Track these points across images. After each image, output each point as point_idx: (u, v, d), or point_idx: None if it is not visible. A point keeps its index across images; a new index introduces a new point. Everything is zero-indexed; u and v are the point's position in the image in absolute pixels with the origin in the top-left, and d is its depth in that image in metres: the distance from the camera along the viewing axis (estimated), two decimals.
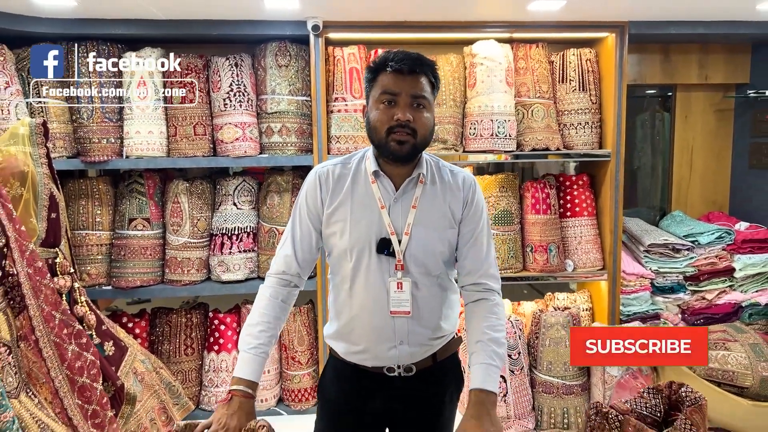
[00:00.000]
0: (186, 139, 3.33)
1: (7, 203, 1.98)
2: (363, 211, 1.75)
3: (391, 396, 1.81)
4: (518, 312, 3.65)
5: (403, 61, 1.66)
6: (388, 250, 1.71)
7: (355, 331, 1.79)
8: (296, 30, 3.25)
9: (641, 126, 4.40)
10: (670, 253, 3.66)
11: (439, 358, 1.83)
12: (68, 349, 2.08)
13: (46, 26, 3.12)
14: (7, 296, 1.98)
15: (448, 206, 1.78)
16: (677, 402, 1.61)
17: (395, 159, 1.70)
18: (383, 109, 1.67)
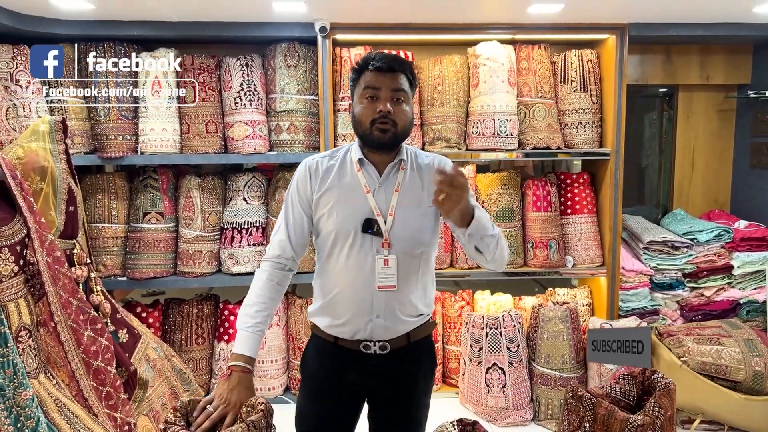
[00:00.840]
0: (198, 136, 3.47)
1: (28, 196, 2.11)
2: (349, 195, 1.92)
3: (368, 373, 1.95)
4: (519, 306, 3.74)
5: (383, 60, 1.85)
6: (372, 229, 1.88)
7: (338, 305, 1.93)
8: (304, 31, 3.37)
9: (643, 125, 4.47)
10: (669, 251, 3.73)
11: (413, 338, 1.98)
12: (84, 334, 2.22)
13: (65, 28, 3.26)
14: (28, 284, 2.12)
15: (427, 188, 1.94)
16: (650, 387, 1.71)
17: (379, 147, 1.89)
18: (367, 104, 1.86)
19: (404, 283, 1.92)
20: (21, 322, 2.02)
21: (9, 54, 3.17)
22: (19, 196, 2.04)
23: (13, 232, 2.01)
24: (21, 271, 2.05)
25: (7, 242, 1.98)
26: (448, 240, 3.65)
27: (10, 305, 1.99)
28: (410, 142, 3.52)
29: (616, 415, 1.58)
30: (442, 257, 3.63)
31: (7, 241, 1.98)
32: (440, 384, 3.72)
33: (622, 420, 1.56)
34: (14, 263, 2.01)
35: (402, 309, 1.93)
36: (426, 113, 3.59)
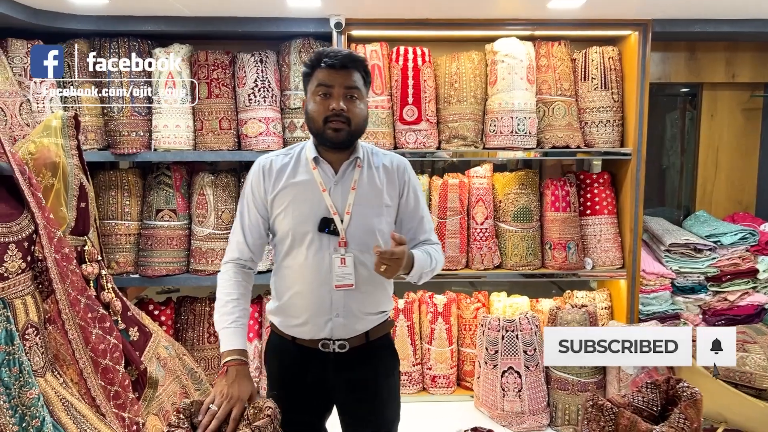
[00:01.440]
0: (212, 133, 3.43)
1: (37, 192, 2.08)
2: (305, 194, 1.91)
3: (328, 373, 1.95)
4: (536, 309, 3.66)
5: (336, 57, 1.84)
6: (329, 229, 1.88)
7: (296, 305, 1.93)
8: (319, 27, 3.32)
9: (665, 125, 4.37)
10: (691, 253, 3.63)
11: (371, 337, 1.98)
12: (92, 332, 2.18)
13: (79, 23, 3.24)
14: (36, 280, 2.08)
15: (385, 187, 1.97)
16: (674, 397, 1.63)
17: (333, 145, 1.89)
18: (319, 101, 1.85)
19: (362, 281, 1.92)
20: (28, 319, 1.99)
21: (23, 49, 3.16)
22: (27, 191, 2.01)
23: (21, 228, 1.98)
24: (29, 268, 2.02)
25: (15, 238, 1.95)
26: (464, 241, 3.58)
27: (17, 302, 1.96)
28: (426, 139, 3.46)
29: (639, 425, 1.50)
30: (457, 258, 3.56)
31: (14, 237, 1.95)
32: (455, 387, 3.65)
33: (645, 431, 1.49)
34: (21, 260, 1.97)
35: (361, 307, 1.94)
36: (442, 111, 3.53)
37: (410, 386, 3.60)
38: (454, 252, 3.55)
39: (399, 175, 2.03)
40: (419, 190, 2.09)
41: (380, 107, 3.45)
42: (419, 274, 1.92)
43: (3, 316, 1.89)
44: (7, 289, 1.92)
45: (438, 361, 3.58)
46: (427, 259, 1.94)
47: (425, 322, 3.62)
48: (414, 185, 2.07)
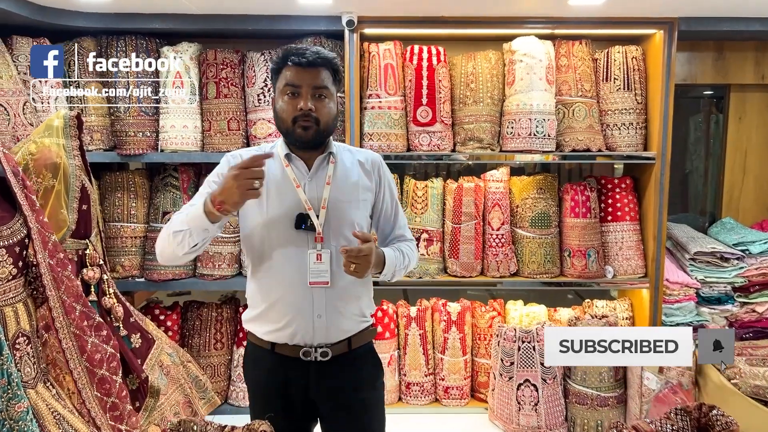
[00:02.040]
0: (220, 134, 3.34)
1: (30, 194, 1.99)
2: (278, 191, 1.87)
3: (310, 383, 1.88)
4: (554, 318, 3.52)
5: (303, 55, 1.80)
6: (306, 225, 1.83)
7: (276, 308, 1.87)
8: (331, 25, 3.21)
9: (688, 128, 4.20)
10: (717, 262, 3.47)
11: (354, 345, 1.93)
12: (88, 341, 2.09)
13: (85, 20, 3.17)
14: (30, 286, 2.00)
15: (359, 181, 1.95)
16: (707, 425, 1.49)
17: (302, 145, 1.87)
18: (287, 101, 1.82)
19: (341, 278, 1.87)
20: (19, 328, 1.90)
21: (28, 47, 3.09)
22: (20, 193, 1.92)
23: (12, 232, 1.89)
24: (20, 274, 1.93)
25: (5, 243, 1.86)
26: (479, 247, 3.45)
27: (8, 310, 1.87)
28: (441, 141, 3.34)
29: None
30: (472, 264, 3.43)
31: (4, 241, 1.86)
32: (468, 398, 3.52)
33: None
34: (12, 265, 1.89)
35: (344, 307, 1.89)
36: (458, 112, 3.40)
37: (422, 397, 3.48)
38: (468, 258, 3.42)
39: (374, 170, 2.02)
40: (393, 185, 2.10)
41: (393, 108, 3.34)
42: (392, 271, 1.92)
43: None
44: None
45: (451, 372, 3.46)
46: (399, 257, 1.95)
47: (438, 331, 3.50)
48: (389, 181, 2.07)
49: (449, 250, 3.46)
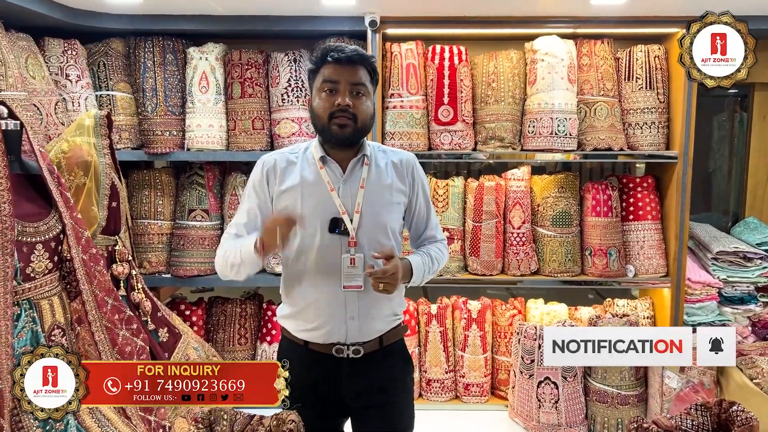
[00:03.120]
0: (245, 133, 3.40)
1: (65, 191, 2.06)
2: (312, 195, 1.88)
3: (341, 380, 1.91)
4: (575, 317, 3.53)
5: (342, 52, 1.81)
6: (339, 229, 1.85)
7: (310, 310, 1.90)
8: (354, 26, 3.25)
9: (711, 127, 4.18)
10: (740, 262, 3.46)
11: (385, 342, 1.96)
12: (119, 334, 2.16)
13: (115, 22, 3.25)
14: (64, 281, 2.07)
15: (393, 183, 1.95)
16: (727, 421, 1.51)
17: (338, 142, 1.86)
18: (325, 97, 1.83)
19: None
20: (54, 320, 1.97)
21: (60, 48, 3.17)
22: (55, 190, 2.00)
23: (48, 228, 1.96)
24: (56, 268, 2.00)
25: (42, 238, 1.93)
26: (500, 245, 3.47)
27: (44, 303, 1.94)
28: (462, 140, 3.37)
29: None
30: (493, 263, 3.45)
31: (41, 237, 1.93)
32: (488, 396, 3.55)
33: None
34: (48, 260, 1.96)
35: (376, 309, 1.92)
36: (479, 111, 3.43)
37: (443, 394, 3.51)
38: (489, 257, 3.44)
39: (408, 172, 2.02)
40: (427, 186, 2.11)
41: (415, 107, 3.37)
42: (420, 278, 1.95)
43: (29, 317, 1.88)
44: (33, 290, 1.91)
45: (471, 369, 3.48)
46: (427, 262, 1.97)
47: (459, 329, 3.53)
48: (423, 182, 2.07)
49: (470, 248, 3.49)
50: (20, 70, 2.83)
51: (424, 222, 2.09)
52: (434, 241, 2.10)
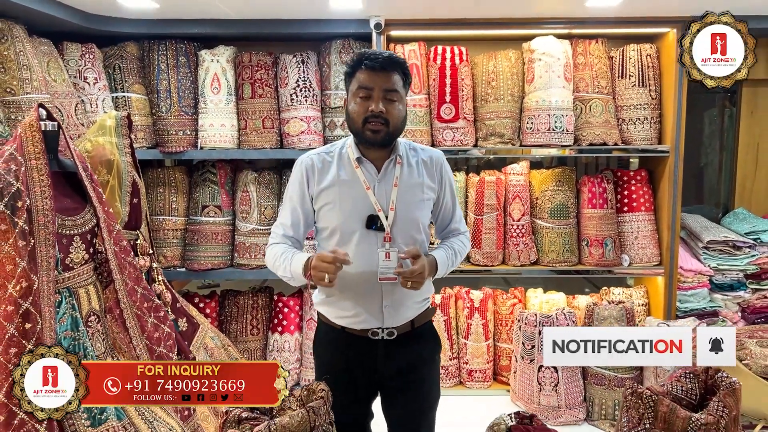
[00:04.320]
0: (255, 132, 3.54)
1: (97, 187, 2.20)
2: (350, 193, 2.01)
3: (376, 359, 2.05)
4: (573, 305, 3.69)
5: (376, 60, 1.91)
6: (376, 225, 1.98)
7: (347, 299, 2.04)
8: (359, 28, 3.40)
9: (702, 123, 4.34)
10: (730, 251, 3.62)
11: (416, 324, 2.11)
12: (148, 321, 2.30)
13: (130, 26, 3.38)
14: (96, 271, 2.21)
15: (424, 181, 2.08)
16: (713, 386, 1.67)
17: (372, 145, 1.97)
18: (359, 103, 1.94)
19: None
20: (90, 307, 2.11)
21: (78, 52, 3.30)
22: (89, 187, 2.13)
23: (84, 221, 2.10)
24: (91, 259, 2.14)
25: (79, 231, 2.07)
26: (501, 237, 3.63)
27: (81, 291, 2.08)
28: (463, 137, 3.52)
29: (678, 413, 1.55)
30: (494, 254, 3.61)
31: (79, 229, 2.07)
32: (491, 381, 3.70)
33: (684, 418, 1.53)
34: (85, 251, 2.10)
35: (409, 297, 2.05)
36: (480, 109, 3.58)
37: (447, 380, 3.66)
38: (490, 248, 3.60)
39: (437, 170, 2.14)
40: (454, 182, 2.23)
41: (418, 106, 3.52)
42: (444, 271, 2.10)
43: (69, 304, 2.02)
44: (72, 279, 2.04)
45: (474, 356, 3.64)
46: (451, 256, 2.11)
47: (462, 317, 3.68)
48: (450, 179, 2.19)
49: (472, 240, 3.65)
50: (43, 73, 2.97)
51: (450, 215, 2.22)
52: (458, 233, 2.24)
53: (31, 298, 1.88)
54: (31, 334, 1.86)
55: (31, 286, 1.88)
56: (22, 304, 1.86)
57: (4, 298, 1.85)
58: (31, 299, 1.88)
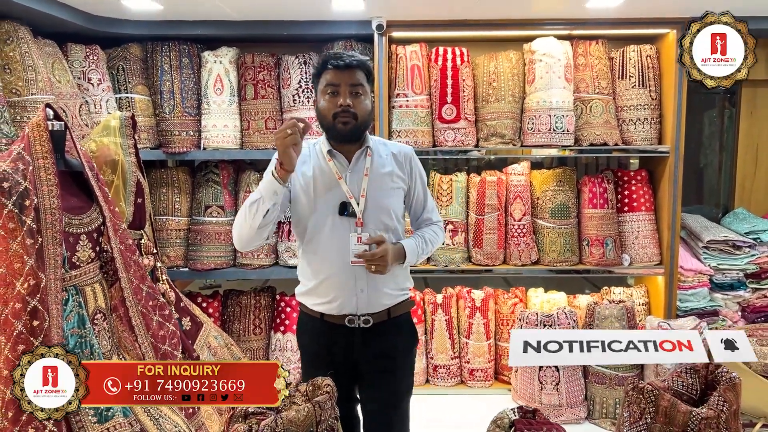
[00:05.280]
0: (258, 132, 3.56)
1: (103, 186, 2.23)
2: (323, 183, 2.13)
3: (353, 347, 2.14)
4: (573, 305, 3.71)
5: (340, 59, 2.06)
6: (348, 212, 2.10)
7: (323, 285, 2.14)
8: (361, 29, 3.42)
9: (702, 123, 4.36)
10: (730, 250, 3.64)
11: (392, 314, 2.20)
12: (153, 320, 2.32)
13: (134, 28, 3.41)
14: (102, 270, 2.23)
15: (394, 170, 2.20)
16: (713, 382, 1.69)
17: (343, 138, 2.11)
18: (328, 99, 2.07)
19: None
20: (97, 305, 2.13)
21: (82, 53, 3.33)
22: (95, 186, 2.16)
23: (91, 220, 2.12)
24: (97, 258, 2.17)
25: (86, 229, 2.10)
26: (502, 237, 3.65)
27: (87, 289, 2.10)
28: (465, 137, 3.54)
29: (679, 407, 1.57)
30: (495, 254, 3.63)
31: (85, 228, 2.10)
32: (492, 380, 3.72)
33: (685, 413, 1.55)
34: (91, 249, 2.12)
35: (382, 283, 2.14)
36: (481, 109, 3.60)
37: (449, 379, 3.68)
38: (492, 248, 3.62)
39: (407, 162, 2.26)
40: (424, 175, 2.34)
41: (419, 106, 3.54)
42: (414, 259, 2.20)
43: (76, 302, 2.04)
44: (79, 277, 2.07)
45: (476, 355, 3.66)
46: (420, 244, 2.22)
47: (463, 317, 3.70)
48: (420, 171, 2.31)
49: (473, 240, 3.67)
50: (48, 74, 2.99)
51: (422, 206, 2.33)
52: (430, 223, 2.35)
53: (38, 296, 1.90)
54: (38, 332, 1.89)
55: (39, 283, 1.90)
56: (30, 302, 1.88)
57: (12, 296, 1.87)
58: (38, 297, 1.90)
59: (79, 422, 1.92)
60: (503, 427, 1.65)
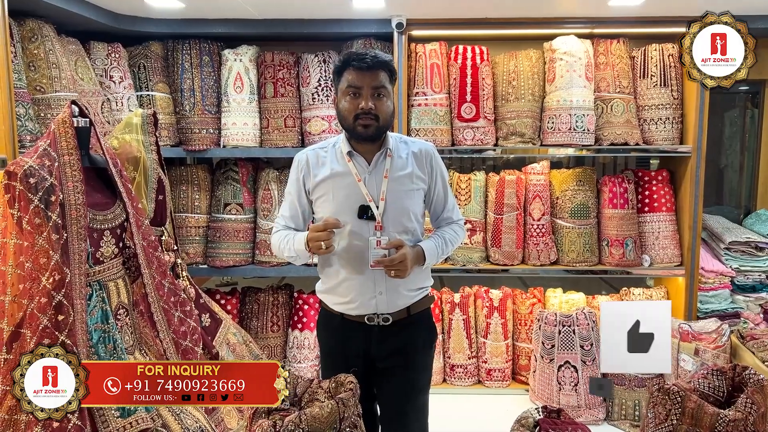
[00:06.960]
0: (277, 130, 3.57)
1: (127, 183, 2.24)
2: (342, 185, 2.13)
3: (371, 343, 2.14)
4: (592, 305, 3.68)
5: (363, 60, 2.03)
6: (367, 215, 2.10)
7: (343, 286, 2.16)
8: (381, 28, 3.42)
9: (724, 124, 4.32)
10: (752, 252, 3.60)
11: (412, 311, 2.19)
12: (174, 315, 2.33)
13: (156, 26, 3.43)
14: (125, 265, 2.24)
15: (414, 171, 2.17)
16: (740, 384, 1.67)
17: (363, 139, 2.10)
18: (349, 100, 2.06)
19: None
20: (119, 300, 2.14)
21: (104, 51, 3.35)
22: (119, 182, 2.17)
23: (114, 216, 2.14)
24: (120, 254, 2.18)
25: (109, 225, 2.11)
26: (520, 237, 3.63)
27: (111, 285, 2.11)
28: (484, 136, 3.53)
29: (706, 409, 1.55)
30: (513, 253, 3.61)
31: (109, 224, 2.11)
32: (510, 380, 3.71)
33: (712, 414, 1.53)
34: (115, 245, 2.13)
35: (402, 284, 2.14)
36: (500, 108, 3.59)
37: (466, 379, 3.67)
38: (510, 248, 3.60)
39: (427, 161, 2.24)
40: (445, 173, 2.32)
41: (439, 105, 3.53)
42: (434, 260, 2.19)
43: (99, 297, 2.05)
44: (102, 272, 2.08)
45: (494, 355, 3.64)
46: (440, 244, 2.21)
47: (481, 317, 3.69)
48: (441, 170, 2.29)
49: (492, 239, 3.65)
50: (71, 72, 3.02)
51: (442, 205, 2.32)
52: (451, 222, 2.34)
53: (63, 291, 1.91)
54: (63, 326, 1.90)
55: (64, 278, 1.92)
56: (55, 296, 1.89)
57: (38, 290, 1.88)
58: (63, 291, 1.91)
59: (102, 416, 1.93)
60: (528, 426, 1.64)
